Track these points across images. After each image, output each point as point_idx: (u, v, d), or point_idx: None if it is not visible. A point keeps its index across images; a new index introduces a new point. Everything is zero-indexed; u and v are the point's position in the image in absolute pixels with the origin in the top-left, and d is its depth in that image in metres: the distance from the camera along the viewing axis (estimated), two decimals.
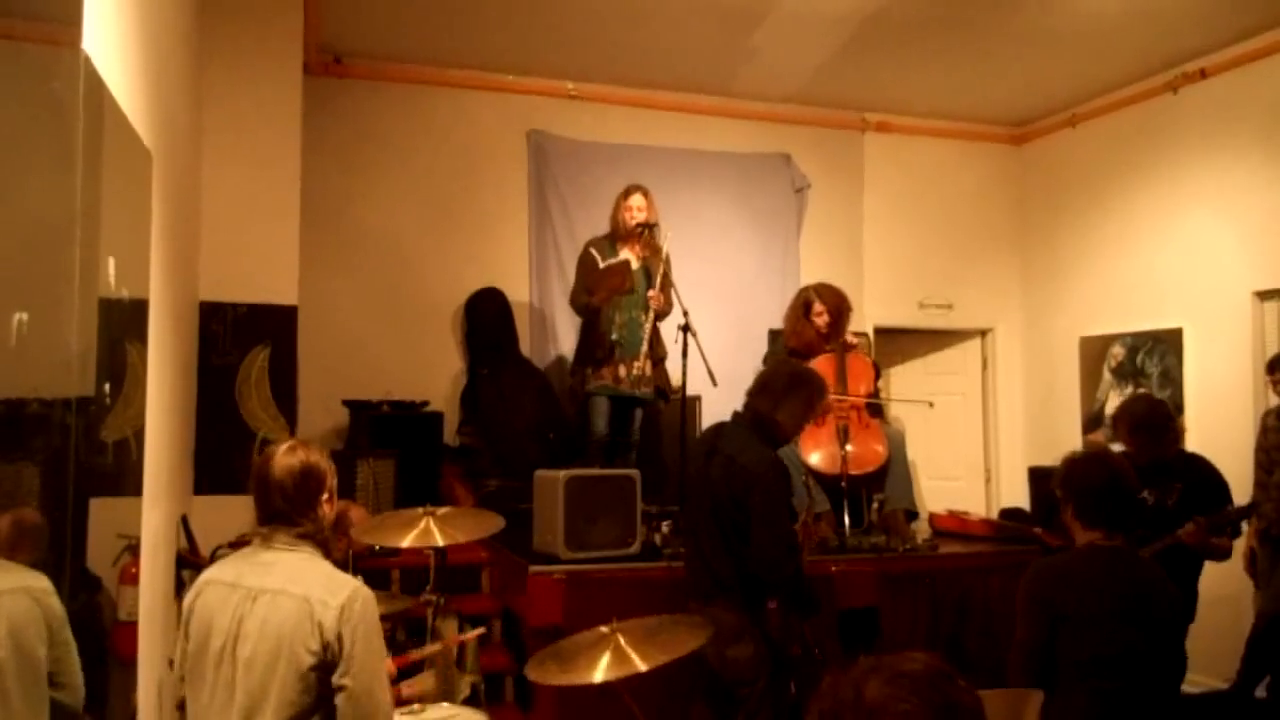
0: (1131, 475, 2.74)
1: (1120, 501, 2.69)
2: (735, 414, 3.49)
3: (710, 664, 3.20)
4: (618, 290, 5.04)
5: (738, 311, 6.29)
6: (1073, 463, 2.81)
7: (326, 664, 2.08)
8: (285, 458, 2.21)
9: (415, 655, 2.67)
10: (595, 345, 5.13)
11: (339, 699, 2.08)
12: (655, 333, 5.09)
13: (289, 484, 2.19)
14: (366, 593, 2.17)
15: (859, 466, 4.63)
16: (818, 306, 5.06)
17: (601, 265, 5.05)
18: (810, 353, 5.13)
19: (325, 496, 2.27)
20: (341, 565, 3.34)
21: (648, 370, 5.13)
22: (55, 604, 1.81)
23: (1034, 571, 2.72)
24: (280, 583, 2.13)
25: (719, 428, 3.55)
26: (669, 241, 4.97)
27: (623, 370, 5.07)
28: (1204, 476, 3.93)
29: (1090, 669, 2.52)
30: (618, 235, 5.22)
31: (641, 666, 2.23)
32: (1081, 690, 2.53)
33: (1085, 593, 2.58)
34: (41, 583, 1.79)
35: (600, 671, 2.24)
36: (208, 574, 2.25)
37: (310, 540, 2.22)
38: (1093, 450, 2.86)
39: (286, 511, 2.20)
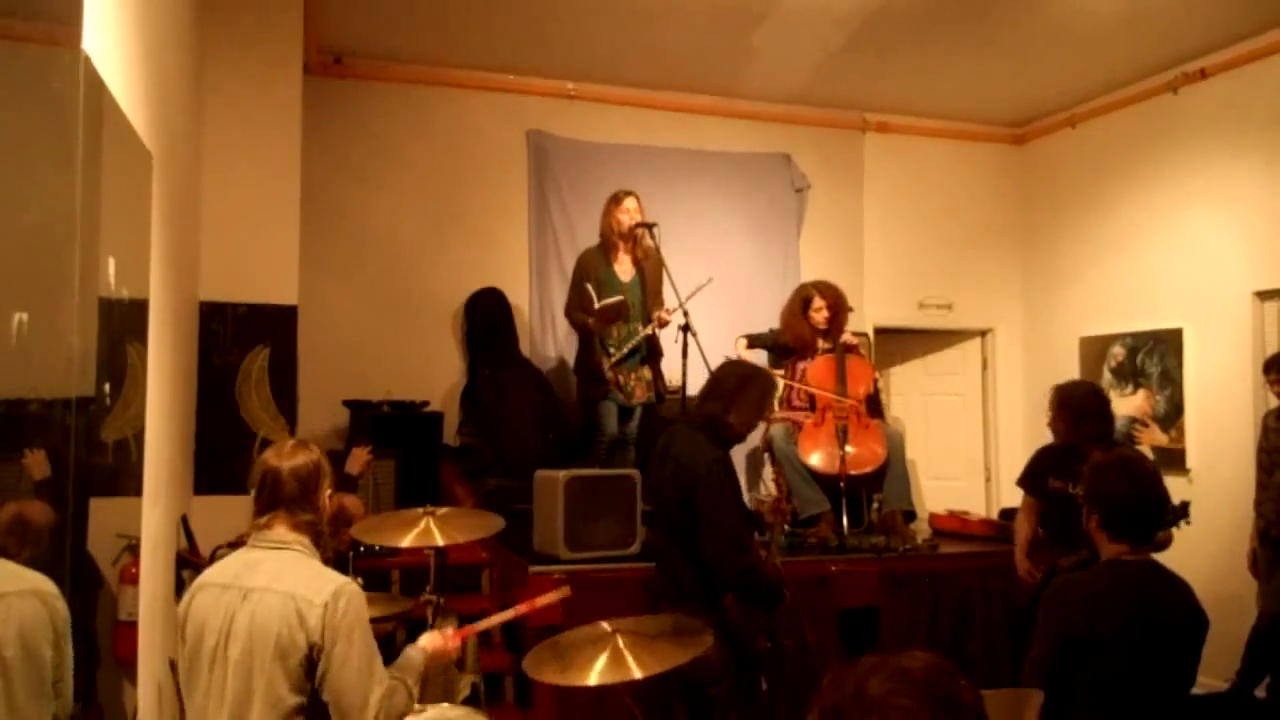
0: (1160, 482, 2.63)
1: (1150, 513, 2.59)
2: (686, 415, 3.51)
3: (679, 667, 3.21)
4: (613, 322, 5.05)
5: (738, 311, 6.28)
6: (1101, 470, 2.65)
7: (313, 661, 2.10)
8: (294, 453, 2.28)
9: (483, 625, 2.80)
10: (596, 364, 5.11)
11: (324, 695, 2.10)
12: (654, 337, 5.10)
13: (299, 473, 2.25)
14: (354, 589, 2.19)
15: (858, 467, 4.64)
16: (817, 302, 5.05)
17: (597, 306, 5.00)
18: (806, 349, 5.13)
19: (329, 493, 2.33)
20: (340, 562, 3.35)
21: (646, 375, 5.14)
22: (62, 608, 1.81)
23: (1055, 590, 2.63)
24: (266, 580, 2.15)
25: (671, 432, 3.59)
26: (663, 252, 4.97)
27: (622, 380, 5.08)
28: None
29: (1105, 690, 2.46)
30: (609, 243, 5.17)
31: (637, 673, 2.22)
32: (1095, 710, 2.47)
33: (1105, 616, 2.48)
34: (50, 587, 1.80)
35: (595, 675, 2.23)
36: (202, 576, 2.27)
37: (308, 531, 2.26)
38: (1120, 456, 2.75)
39: (295, 498, 2.24)
